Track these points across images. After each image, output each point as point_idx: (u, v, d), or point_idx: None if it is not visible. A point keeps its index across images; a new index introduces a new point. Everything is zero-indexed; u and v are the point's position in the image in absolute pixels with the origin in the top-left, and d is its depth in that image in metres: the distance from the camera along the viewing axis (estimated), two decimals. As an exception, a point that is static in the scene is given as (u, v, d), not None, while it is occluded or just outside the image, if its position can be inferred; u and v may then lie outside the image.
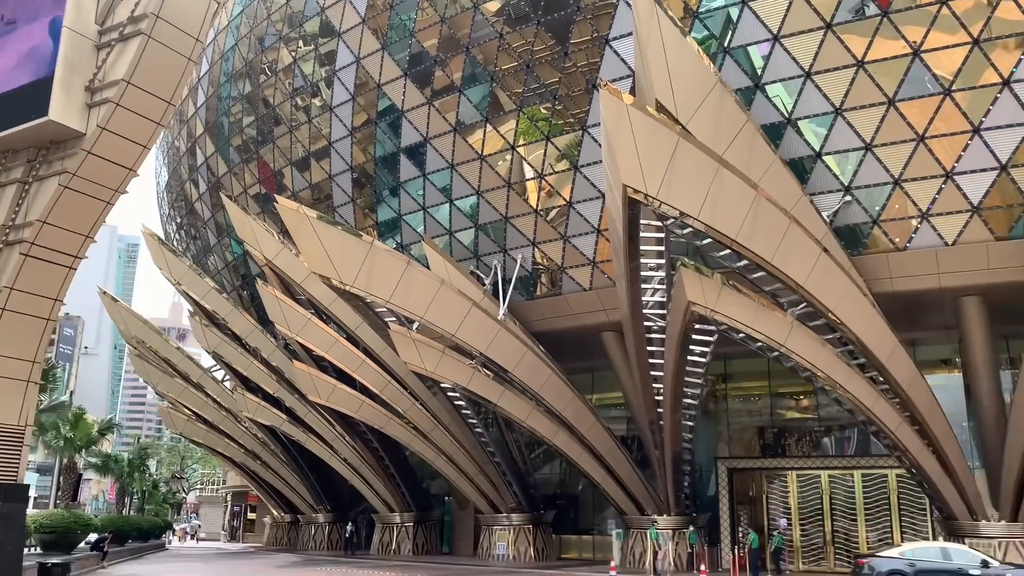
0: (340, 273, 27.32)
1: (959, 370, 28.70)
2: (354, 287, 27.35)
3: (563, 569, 29.67)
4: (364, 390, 33.03)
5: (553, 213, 29.38)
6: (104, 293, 44.25)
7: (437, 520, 40.28)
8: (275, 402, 38.25)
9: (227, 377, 43.41)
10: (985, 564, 19.56)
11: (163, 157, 49.12)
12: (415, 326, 28.68)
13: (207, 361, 46.62)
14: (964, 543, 23.02)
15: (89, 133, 15.08)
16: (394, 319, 29.29)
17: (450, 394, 30.93)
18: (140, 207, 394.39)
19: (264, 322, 36.56)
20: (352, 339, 32.75)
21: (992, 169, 22.78)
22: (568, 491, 38.21)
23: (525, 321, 30.88)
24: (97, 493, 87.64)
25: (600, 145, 24.43)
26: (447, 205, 31.52)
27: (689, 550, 29.48)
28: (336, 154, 34.35)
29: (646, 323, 25.64)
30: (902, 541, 27.66)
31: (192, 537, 66.24)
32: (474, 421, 32.09)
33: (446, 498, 40.78)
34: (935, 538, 26.89)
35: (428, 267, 29.63)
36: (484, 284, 30.60)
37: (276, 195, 31.79)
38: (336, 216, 34.32)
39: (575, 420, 29.37)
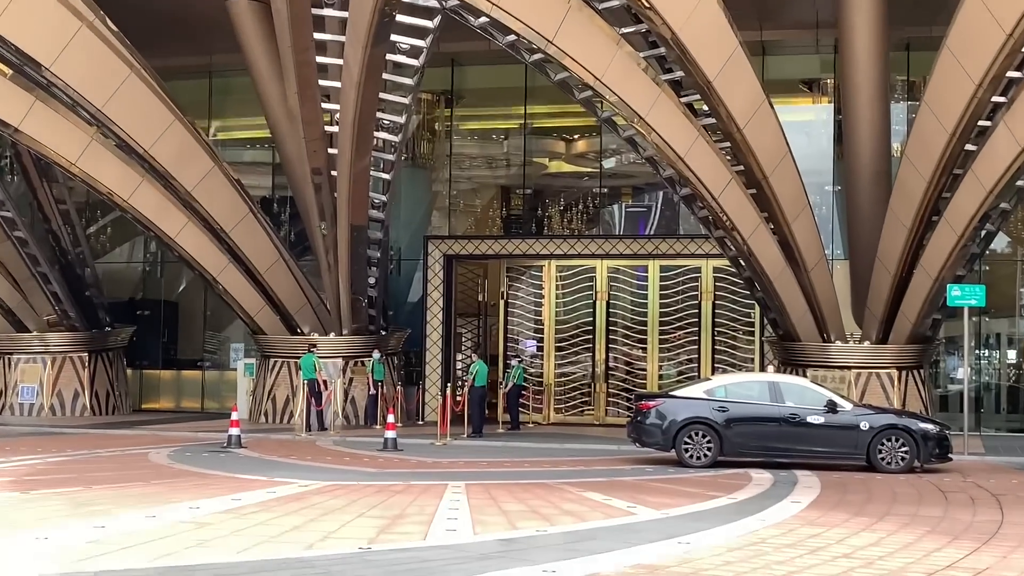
0: None
1: (828, 98, 23.29)
2: None
3: (138, 428, 20.19)
4: None
5: None
6: None
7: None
8: None
9: None
10: (832, 407, 14.56)
11: None
12: None
13: None
14: (805, 375, 18.23)
15: None
16: None
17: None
18: None
19: None
20: None
21: None
22: (158, 295, 28.19)
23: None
24: None
25: None
26: None
27: (372, 390, 20.85)
28: None
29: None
30: (712, 373, 21.50)
31: None
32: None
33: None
34: (763, 368, 21.67)
35: None
36: None
37: None
38: None
39: (172, 168, 19.49)
